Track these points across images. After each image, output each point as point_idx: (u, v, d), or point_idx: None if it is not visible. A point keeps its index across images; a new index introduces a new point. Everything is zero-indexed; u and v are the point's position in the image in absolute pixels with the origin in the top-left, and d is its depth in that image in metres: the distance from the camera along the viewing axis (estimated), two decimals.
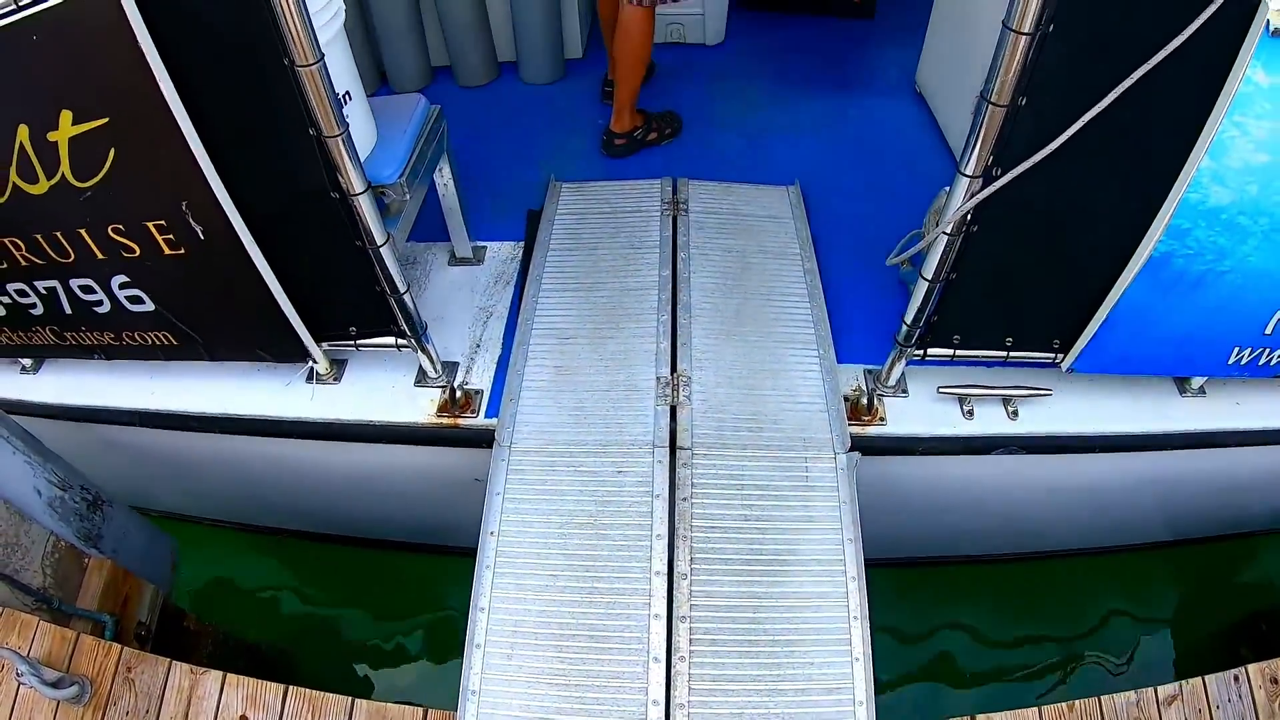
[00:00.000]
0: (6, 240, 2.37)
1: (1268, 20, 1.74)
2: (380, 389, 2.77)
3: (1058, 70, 1.85)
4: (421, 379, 2.77)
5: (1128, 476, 2.91)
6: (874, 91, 4.50)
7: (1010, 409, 2.66)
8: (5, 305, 2.62)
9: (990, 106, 1.90)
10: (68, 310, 2.56)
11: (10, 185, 2.18)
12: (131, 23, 1.81)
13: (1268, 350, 2.45)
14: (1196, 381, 2.73)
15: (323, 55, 1.89)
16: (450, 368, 2.81)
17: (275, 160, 2.13)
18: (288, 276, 2.36)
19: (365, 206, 2.17)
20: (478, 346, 2.90)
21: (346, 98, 2.39)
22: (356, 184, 2.12)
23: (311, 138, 2.02)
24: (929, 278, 2.26)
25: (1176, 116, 1.95)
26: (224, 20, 1.87)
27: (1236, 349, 2.45)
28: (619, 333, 2.84)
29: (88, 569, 2.66)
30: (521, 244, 3.31)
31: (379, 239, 2.24)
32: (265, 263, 2.28)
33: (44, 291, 2.52)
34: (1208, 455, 2.76)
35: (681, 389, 2.65)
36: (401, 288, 2.39)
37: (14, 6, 1.85)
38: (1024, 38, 1.78)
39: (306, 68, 1.88)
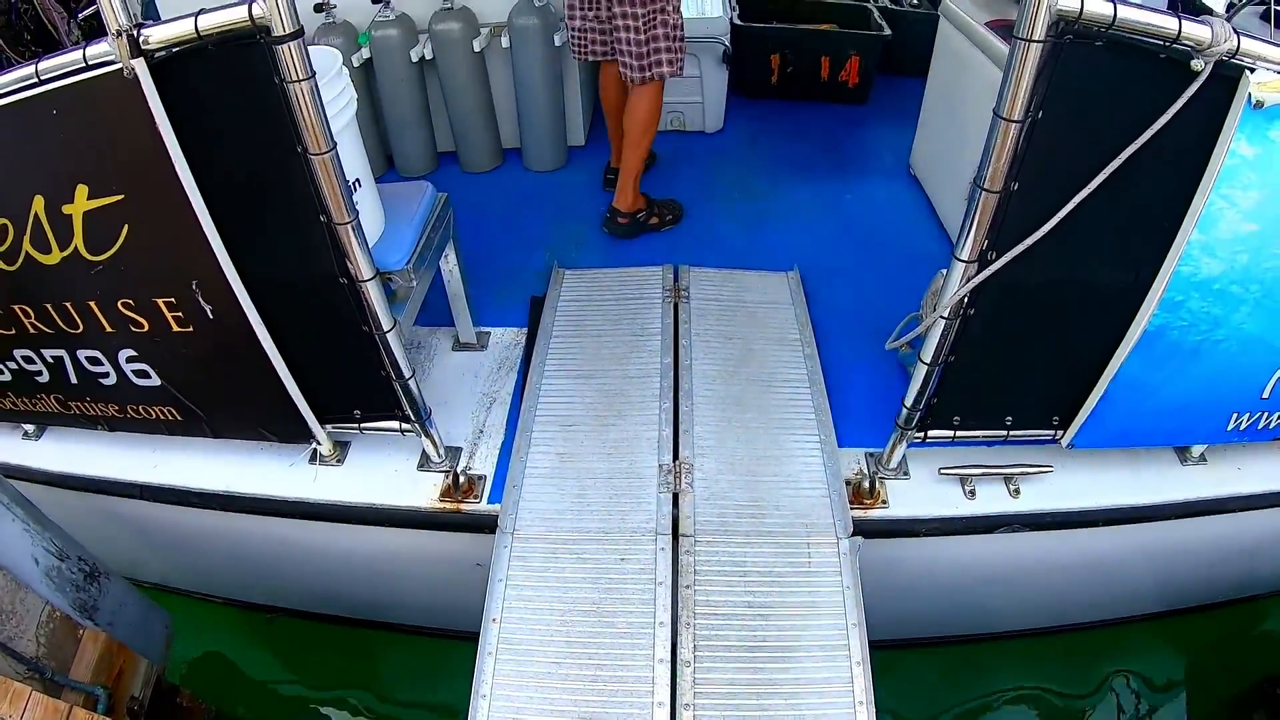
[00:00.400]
0: (16, 307, 2.39)
1: (1249, 94, 1.80)
2: (383, 472, 2.77)
3: (1047, 155, 1.90)
4: (425, 463, 2.77)
5: (1133, 548, 2.90)
6: (870, 175, 4.61)
7: (1012, 487, 2.66)
8: (11, 371, 2.63)
9: (983, 193, 1.95)
10: (74, 380, 2.58)
11: (23, 254, 2.21)
12: (149, 104, 1.85)
13: (1266, 414, 2.47)
14: (1197, 449, 2.74)
15: (335, 144, 1.94)
16: (453, 452, 2.82)
17: (285, 244, 2.17)
18: (294, 358, 2.37)
19: (373, 293, 2.20)
20: (481, 432, 2.91)
21: (356, 185, 2.44)
22: (365, 270, 2.15)
23: (322, 224, 2.06)
24: (928, 361, 2.29)
25: (1165, 192, 2.00)
26: (240, 106, 1.93)
27: (1235, 415, 2.46)
28: (621, 420, 2.86)
29: (82, 640, 2.63)
30: (525, 330, 3.34)
31: (385, 325, 2.28)
32: (272, 344, 2.30)
33: (51, 360, 2.54)
34: (1212, 522, 2.75)
35: (684, 476, 2.66)
36: (406, 373, 2.41)
37: (36, 79, 1.91)
38: (1014, 125, 1.84)
39: (319, 156, 1.93)
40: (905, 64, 5.25)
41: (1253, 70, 1.78)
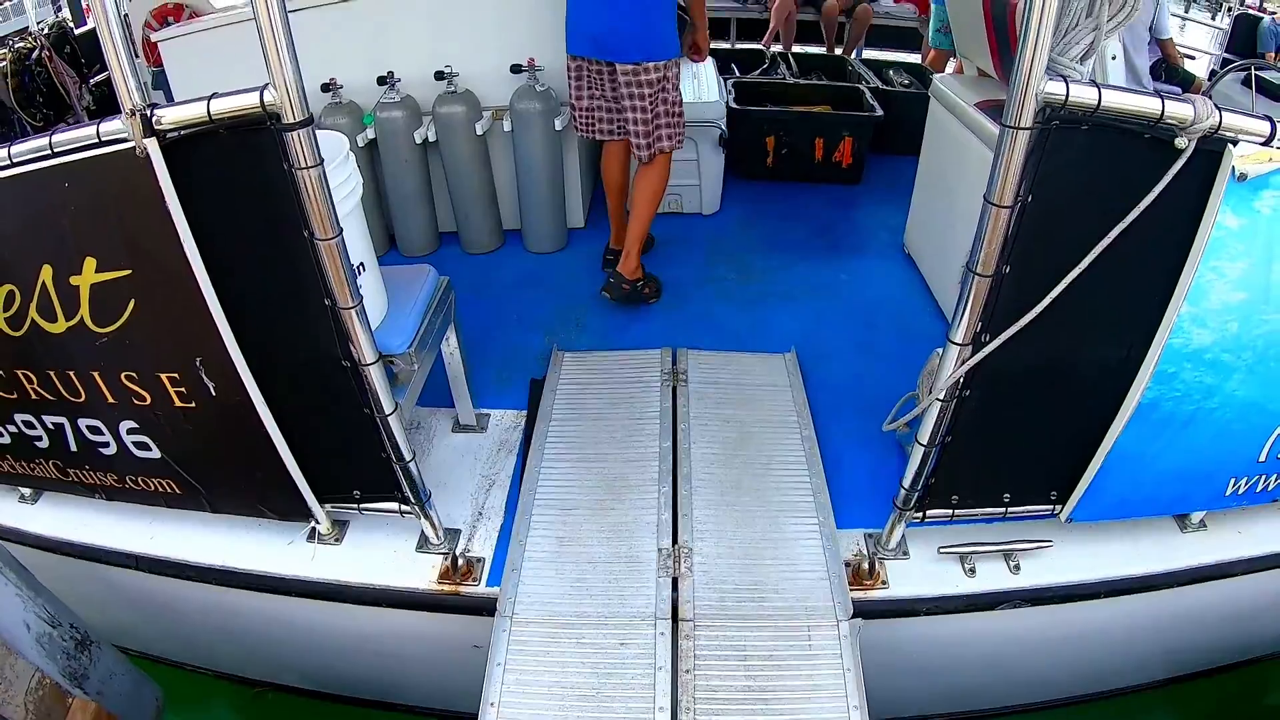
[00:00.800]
0: (19, 372, 2.39)
1: (1233, 167, 1.84)
2: (382, 552, 2.75)
3: (1038, 237, 1.94)
4: (423, 544, 2.76)
5: (1137, 617, 2.87)
6: (864, 254, 4.68)
7: (1012, 563, 2.65)
8: (11, 434, 2.62)
9: (976, 277, 1.98)
10: (73, 448, 2.57)
11: (29, 320, 2.23)
12: (160, 183, 1.89)
13: (1264, 477, 2.47)
14: (1196, 516, 2.74)
15: (341, 230, 1.98)
16: (452, 534, 2.81)
17: (289, 325, 2.19)
18: (295, 438, 2.38)
19: (375, 376, 2.22)
20: (480, 514, 2.91)
21: (360, 269, 2.47)
22: (368, 354, 2.18)
23: (326, 307, 2.09)
24: (924, 443, 2.31)
25: (1154, 267, 2.04)
26: (249, 188, 1.97)
27: (1233, 480, 2.47)
28: (620, 504, 2.86)
29: (71, 709, 2.56)
30: (524, 412, 3.35)
31: (387, 408, 2.29)
32: (274, 423, 2.31)
33: (51, 427, 2.53)
34: (1216, 587, 2.73)
35: (683, 560, 2.65)
36: (407, 456, 2.42)
37: (49, 151, 1.95)
38: (1005, 210, 1.88)
39: (325, 241, 1.97)
40: (898, 143, 5.36)
41: (1235, 143, 1.83)
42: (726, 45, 8.64)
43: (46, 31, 7.67)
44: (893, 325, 3.95)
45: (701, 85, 5.06)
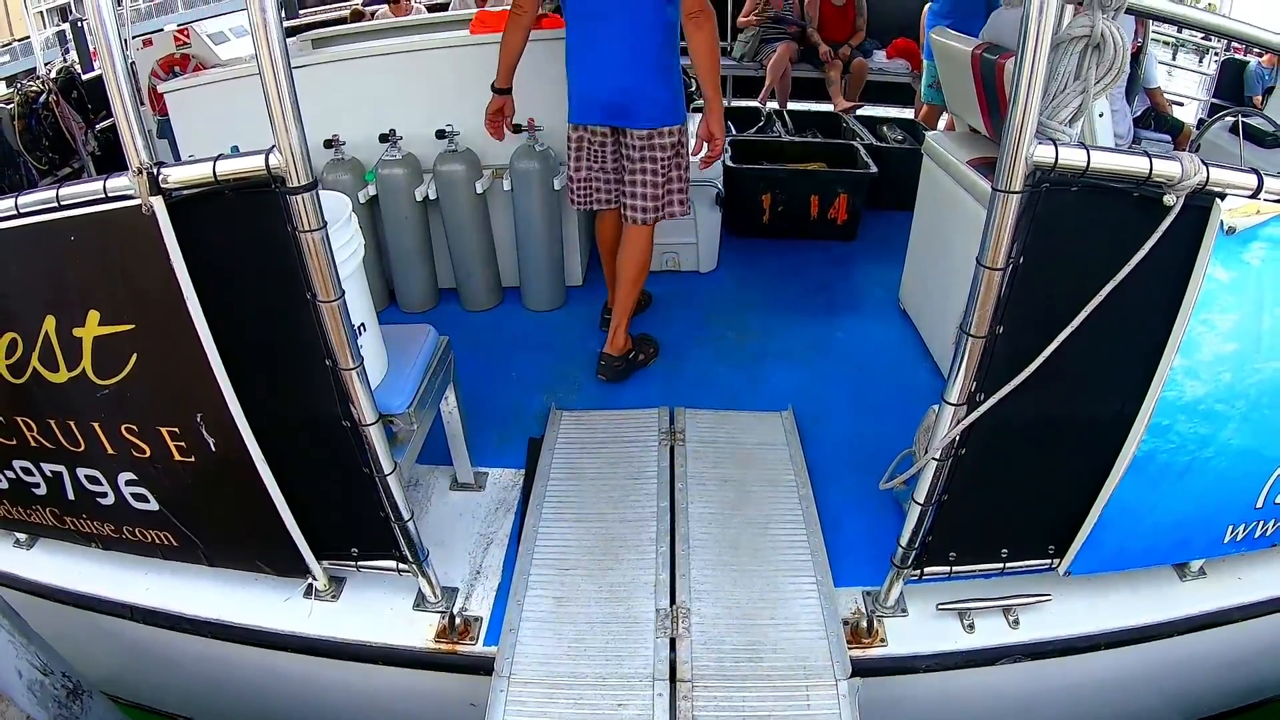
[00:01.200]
0: (19, 419, 2.39)
1: (1221, 221, 1.87)
2: (378, 610, 2.74)
3: (1030, 297, 1.97)
4: (420, 603, 2.74)
5: (1140, 668, 2.85)
6: (860, 311, 4.72)
7: (1011, 618, 2.64)
8: (9, 480, 2.61)
9: (970, 338, 2.01)
10: (71, 496, 2.56)
11: (31, 369, 2.23)
12: (165, 240, 1.91)
13: (1262, 522, 2.48)
14: (1196, 564, 2.74)
15: (343, 292, 2.00)
16: (450, 593, 2.80)
17: (290, 384, 2.21)
18: (294, 495, 2.38)
19: (375, 437, 2.23)
20: (478, 573, 2.90)
21: (361, 329, 2.50)
22: (368, 415, 2.19)
23: (327, 367, 2.10)
24: (921, 501, 2.31)
25: (1146, 322, 2.06)
26: (252, 249, 2.00)
27: (1231, 527, 2.47)
28: (619, 564, 2.85)
29: None
30: (522, 471, 3.35)
31: (386, 468, 2.30)
32: (273, 480, 2.31)
33: (49, 474, 2.53)
34: (1218, 634, 2.72)
35: (681, 621, 2.64)
36: (405, 515, 2.42)
37: (56, 204, 1.98)
38: (997, 273, 1.91)
39: (328, 303, 1.99)
40: (892, 198, 5.43)
41: (1223, 197, 1.87)
42: (724, 102, 8.73)
43: (54, 75, 7.78)
44: (889, 381, 3.97)
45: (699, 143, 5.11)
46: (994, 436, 2.20)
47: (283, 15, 1.79)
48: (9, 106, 7.23)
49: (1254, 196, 1.88)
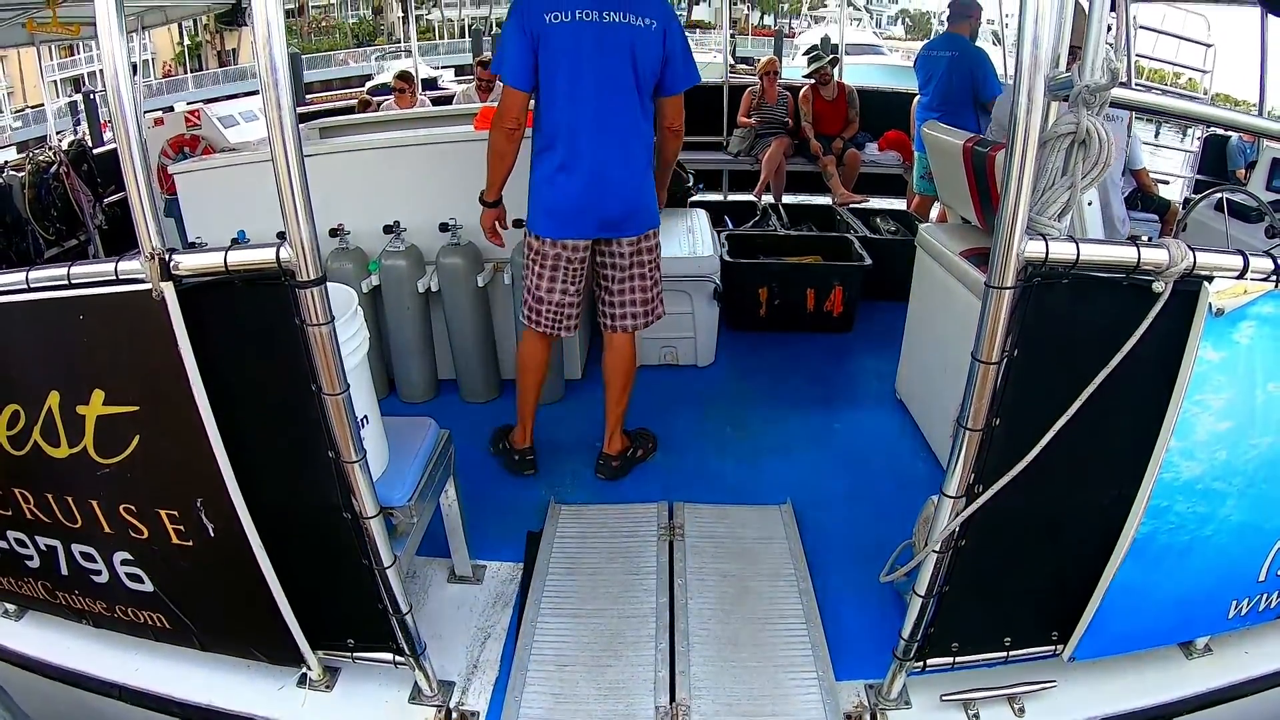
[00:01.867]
0: (17, 490, 2.38)
1: (1209, 303, 1.91)
2: (373, 703, 2.69)
3: (1026, 388, 1.99)
4: (416, 696, 2.69)
5: None
6: (857, 402, 4.76)
7: (1016, 706, 2.59)
8: (2, 550, 2.59)
9: (967, 431, 2.03)
10: (64, 571, 2.53)
11: (32, 442, 2.23)
12: (174, 326, 1.94)
13: (1266, 595, 2.46)
14: (1201, 641, 2.71)
15: (348, 386, 2.03)
16: (446, 687, 2.75)
17: (292, 474, 2.22)
18: (291, 583, 2.37)
19: (376, 530, 2.23)
20: (475, 667, 2.86)
21: (364, 421, 2.49)
22: (369, 507, 2.19)
23: (330, 459, 2.12)
24: (922, 594, 2.31)
25: (1140, 407, 2.08)
26: (259, 339, 2.03)
27: (1235, 602, 2.46)
28: (617, 660, 2.81)
29: None
30: (521, 565, 3.33)
31: (386, 561, 2.29)
32: (271, 569, 2.30)
33: (44, 548, 2.51)
34: (1227, 709, 2.68)
35: (681, 718, 2.60)
36: (404, 608, 2.40)
37: (67, 282, 2.00)
38: (992, 367, 1.94)
39: (333, 396, 2.01)
40: (887, 289, 5.45)
41: (1210, 280, 1.91)
42: (719, 197, 8.91)
43: (66, 147, 7.90)
44: (887, 472, 3.98)
45: (696, 239, 5.22)
46: (993, 526, 2.20)
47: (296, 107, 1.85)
48: (20, 175, 7.33)
49: (1240, 277, 1.93)
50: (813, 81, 8.64)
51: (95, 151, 8.27)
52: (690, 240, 5.19)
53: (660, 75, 3.44)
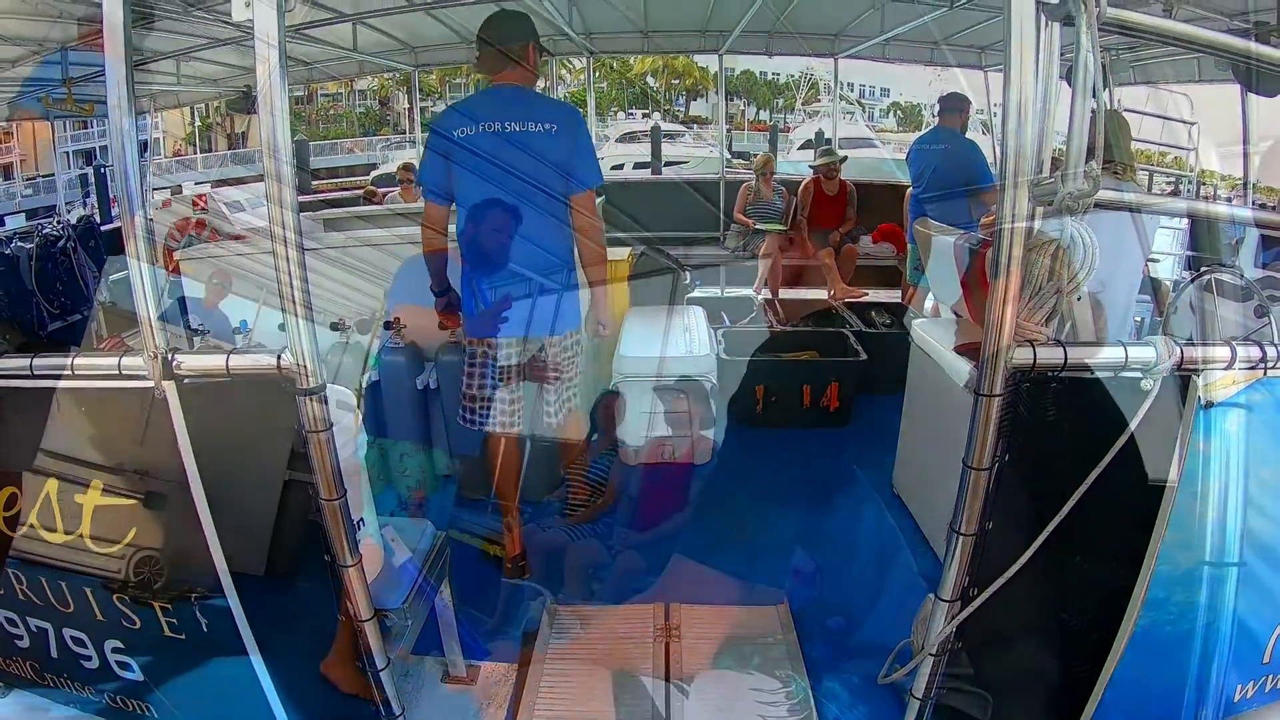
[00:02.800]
0: (11, 571, 2.38)
1: (1198, 396, 1.93)
2: None
3: (1017, 491, 2.01)
4: None
5: None
6: (854, 498, 4.70)
7: None
8: None
9: (960, 537, 2.04)
10: (54, 654, 2.51)
11: (28, 525, 2.25)
12: (174, 424, 1.98)
13: (1271, 676, 2.42)
14: None
15: (344, 492, 2.05)
16: None
17: (289, 577, 2.24)
18: (283, 682, 2.35)
19: (370, 633, 2.23)
20: None
21: (360, 524, 2.51)
22: (364, 611, 2.20)
23: (325, 562, 2.13)
24: (919, 696, 2.29)
25: (1134, 499, 2.08)
26: (258, 440, 2.05)
27: (1240, 686, 2.41)
28: None
29: None
30: (515, 666, 3.29)
31: (380, 664, 2.29)
32: (264, 668, 2.30)
33: (35, 629, 2.49)
34: None
35: None
36: (396, 710, 2.40)
37: (69, 372, 2.04)
38: (983, 473, 1.96)
39: (329, 502, 2.03)
40: (882, 383, 5.46)
41: (1198, 373, 1.93)
42: (717, 292, 8.99)
43: (75, 222, 7.99)
44: (885, 569, 3.95)
45: (693, 338, 5.26)
46: (991, 628, 2.20)
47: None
48: (29, 246, 7.42)
49: (1228, 368, 1.95)
50: (816, 175, 8.72)
51: (104, 228, 8.39)
52: (687, 339, 5.24)
53: (567, 176, 3.56)
